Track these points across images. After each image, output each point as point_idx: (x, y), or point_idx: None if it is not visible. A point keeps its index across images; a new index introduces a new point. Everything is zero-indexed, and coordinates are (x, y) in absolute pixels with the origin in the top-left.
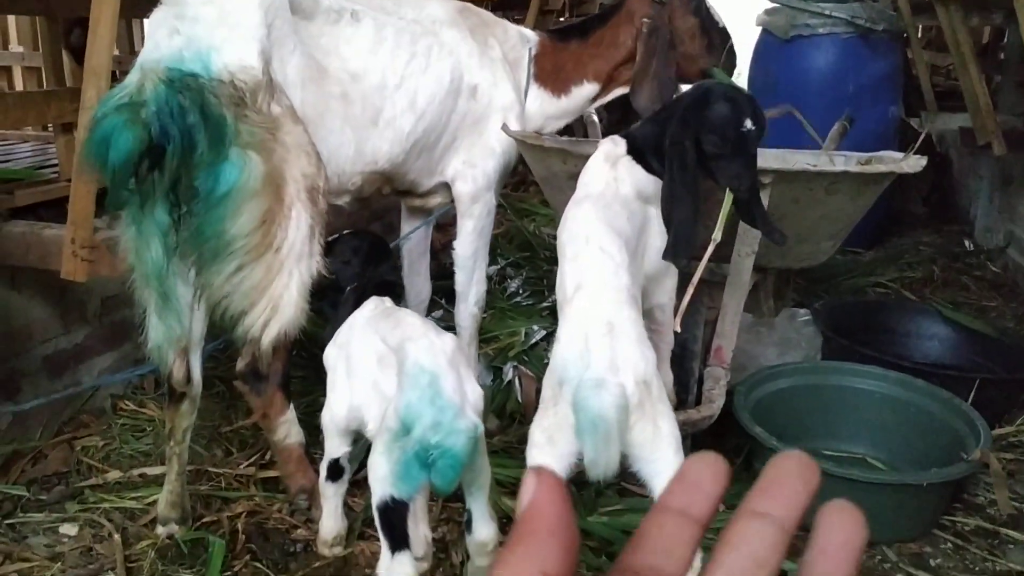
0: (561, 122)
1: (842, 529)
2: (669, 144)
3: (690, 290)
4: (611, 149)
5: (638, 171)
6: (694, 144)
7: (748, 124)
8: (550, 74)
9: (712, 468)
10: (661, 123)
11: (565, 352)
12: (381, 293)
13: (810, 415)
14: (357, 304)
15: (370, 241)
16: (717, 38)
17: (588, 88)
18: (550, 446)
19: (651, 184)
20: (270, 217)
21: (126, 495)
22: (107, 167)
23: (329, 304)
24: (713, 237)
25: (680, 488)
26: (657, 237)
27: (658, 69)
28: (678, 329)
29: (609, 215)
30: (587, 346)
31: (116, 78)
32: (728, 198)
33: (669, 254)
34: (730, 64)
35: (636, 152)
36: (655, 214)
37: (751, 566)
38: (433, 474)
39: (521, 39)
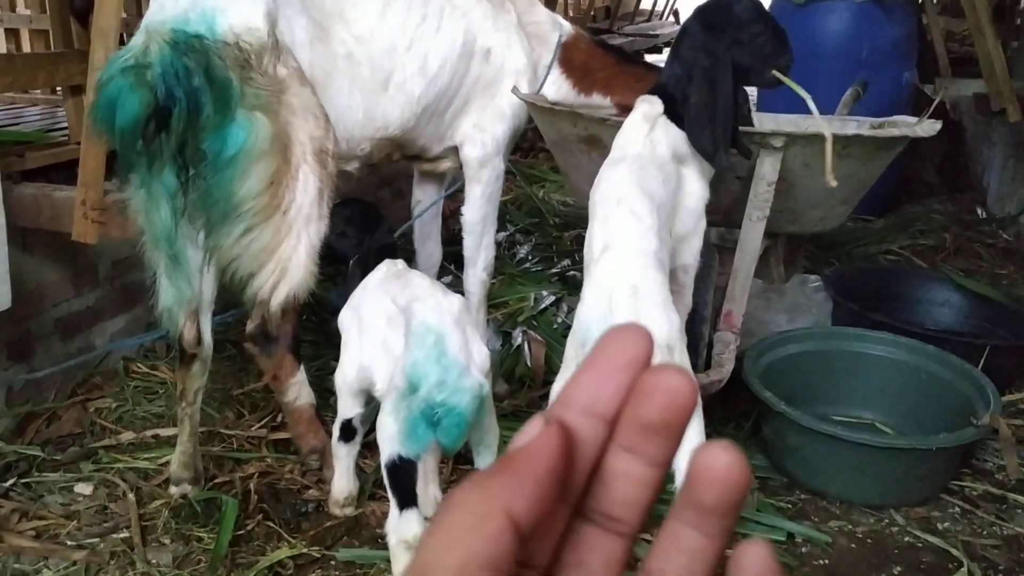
0: None
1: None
2: (708, 59)
3: (829, 151)
4: (648, 109)
5: (674, 130)
6: (728, 50)
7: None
8: (577, 69)
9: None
10: (684, 66)
11: (589, 313)
12: (381, 257)
13: (820, 380)
14: (364, 272)
15: (361, 209)
16: None
17: (606, 104)
18: None
19: (686, 144)
20: (277, 178)
21: (140, 455)
22: (114, 130)
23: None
24: (803, 96)
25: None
26: (689, 197)
27: None
28: (833, 183)
29: (643, 177)
30: (610, 307)
31: (124, 41)
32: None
33: (721, 160)
34: None
35: (671, 110)
36: (688, 174)
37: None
38: (439, 432)
39: (552, 22)
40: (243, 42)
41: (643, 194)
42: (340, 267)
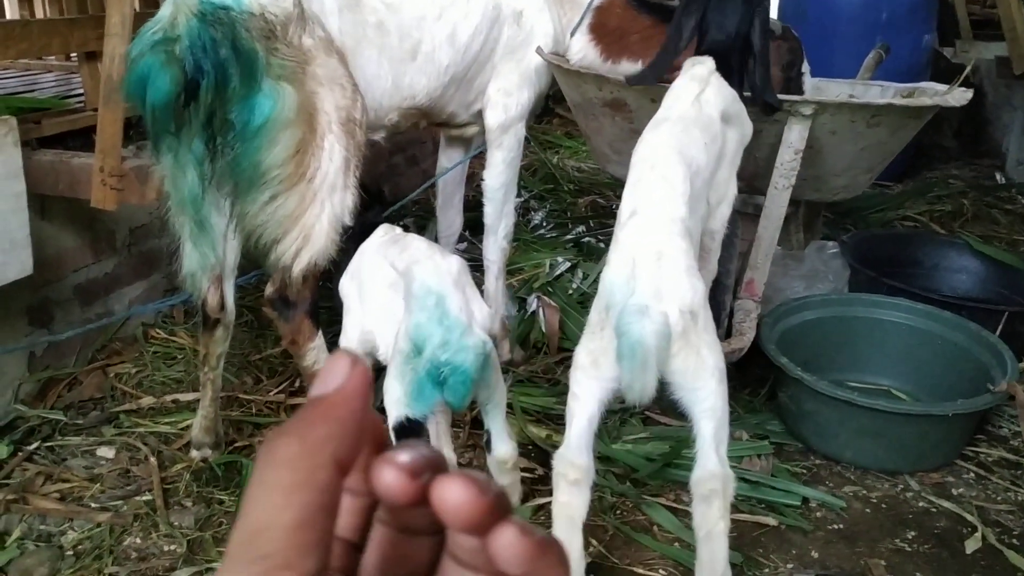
0: None
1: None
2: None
3: None
4: (700, 70)
5: (727, 89)
6: None
7: None
8: (608, 33)
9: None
10: (728, 18)
11: (613, 277)
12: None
13: (836, 346)
14: (356, 243)
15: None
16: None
17: (636, 69)
18: (594, 369)
19: (735, 103)
20: (303, 147)
21: (160, 420)
22: (145, 106)
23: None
24: None
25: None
26: (725, 164)
27: None
28: None
29: (684, 141)
30: (634, 272)
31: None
32: None
33: (775, 97)
34: None
35: (722, 67)
36: (729, 138)
37: None
38: (445, 391)
39: None
40: (268, 13)
41: (680, 160)
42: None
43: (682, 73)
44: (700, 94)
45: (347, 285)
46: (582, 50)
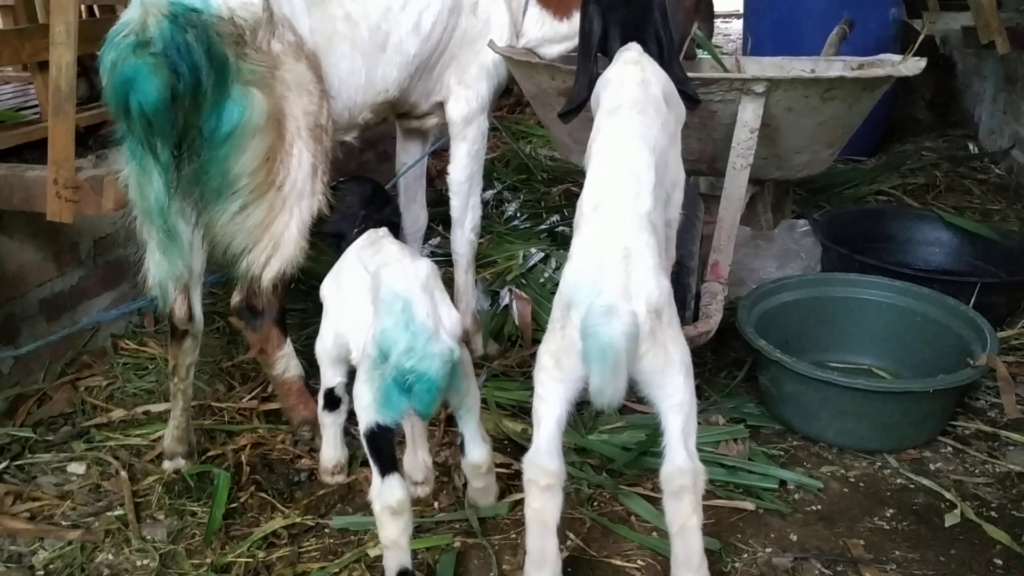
0: (560, 48)
1: None
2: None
3: None
4: (629, 55)
5: (660, 70)
6: None
7: None
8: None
9: None
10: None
11: (577, 275)
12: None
13: (815, 327)
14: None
15: (372, 187)
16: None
17: None
18: (557, 370)
19: (668, 83)
20: (272, 154)
21: (131, 432)
22: (133, 114)
23: (335, 245)
24: None
25: None
26: (673, 148)
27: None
28: None
29: (645, 123)
30: (600, 271)
31: (92, 13)
32: None
33: (691, 86)
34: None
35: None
36: (671, 119)
37: None
38: (412, 399)
39: None
40: (237, 17)
41: (644, 146)
42: (339, 243)
43: (615, 61)
44: (641, 74)
45: (329, 287)
46: (539, 21)
